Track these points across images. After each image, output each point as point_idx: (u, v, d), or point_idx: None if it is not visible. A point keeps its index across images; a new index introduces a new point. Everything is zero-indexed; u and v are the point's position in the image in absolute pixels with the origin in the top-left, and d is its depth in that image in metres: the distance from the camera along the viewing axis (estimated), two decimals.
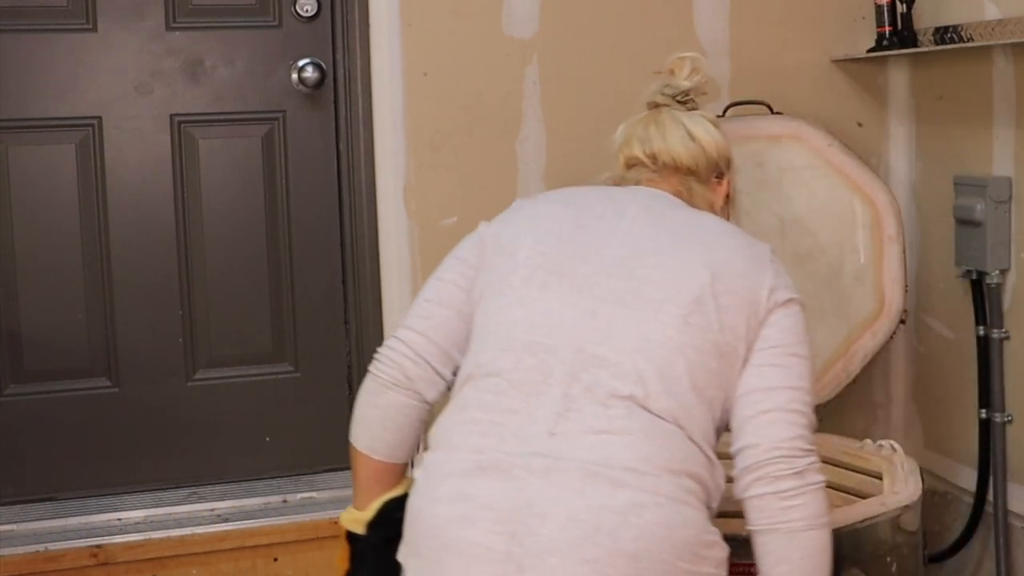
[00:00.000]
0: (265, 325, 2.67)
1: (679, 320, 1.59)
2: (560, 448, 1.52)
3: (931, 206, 2.72)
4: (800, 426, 1.60)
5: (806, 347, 1.66)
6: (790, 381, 1.61)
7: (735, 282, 1.63)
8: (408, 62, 2.56)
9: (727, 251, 1.66)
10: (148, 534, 2.45)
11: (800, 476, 1.56)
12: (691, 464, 1.56)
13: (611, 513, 1.47)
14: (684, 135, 1.81)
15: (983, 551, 2.59)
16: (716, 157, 1.82)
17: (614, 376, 1.56)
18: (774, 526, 1.57)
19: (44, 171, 2.55)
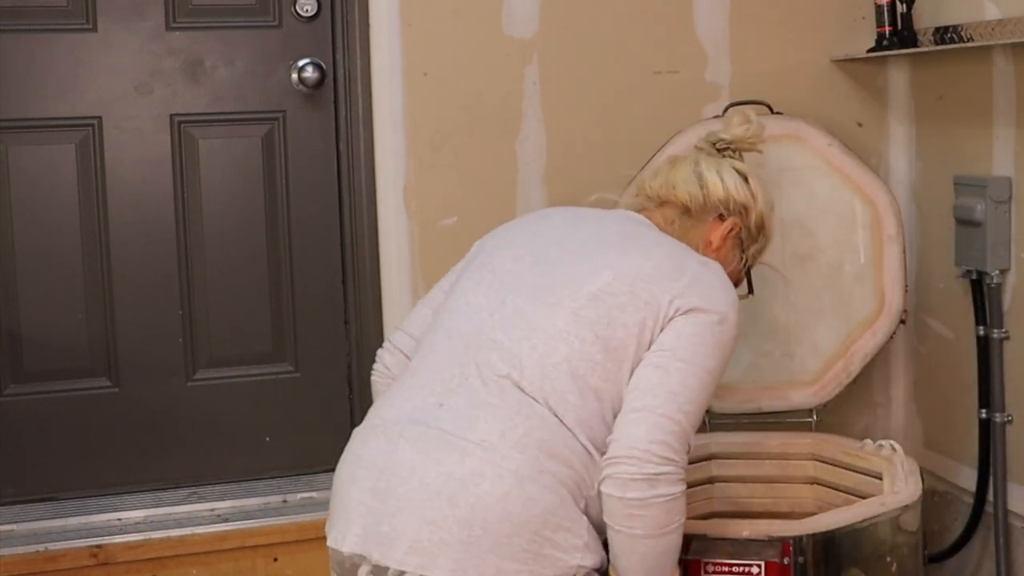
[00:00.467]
0: (265, 325, 2.67)
1: (569, 312, 1.69)
2: (439, 418, 1.65)
3: (931, 206, 2.72)
4: (664, 431, 1.62)
5: (703, 358, 1.68)
6: (669, 385, 1.65)
7: (637, 285, 1.70)
8: (408, 62, 2.56)
9: (643, 259, 1.74)
10: (148, 534, 2.45)
11: (650, 484, 1.60)
12: (556, 447, 1.62)
13: (453, 480, 1.59)
14: (692, 177, 1.92)
15: (983, 551, 2.59)
16: (719, 201, 1.91)
17: (500, 358, 1.68)
18: (617, 528, 1.63)
19: (44, 171, 2.55)
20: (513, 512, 1.57)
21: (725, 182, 1.91)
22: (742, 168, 1.95)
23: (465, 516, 1.57)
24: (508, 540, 1.56)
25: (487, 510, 1.57)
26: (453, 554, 1.56)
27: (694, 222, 1.91)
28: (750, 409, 2.52)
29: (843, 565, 1.99)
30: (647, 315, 1.68)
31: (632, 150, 2.59)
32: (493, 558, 1.56)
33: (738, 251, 1.94)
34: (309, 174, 2.66)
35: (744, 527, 1.98)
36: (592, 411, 1.66)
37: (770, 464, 2.46)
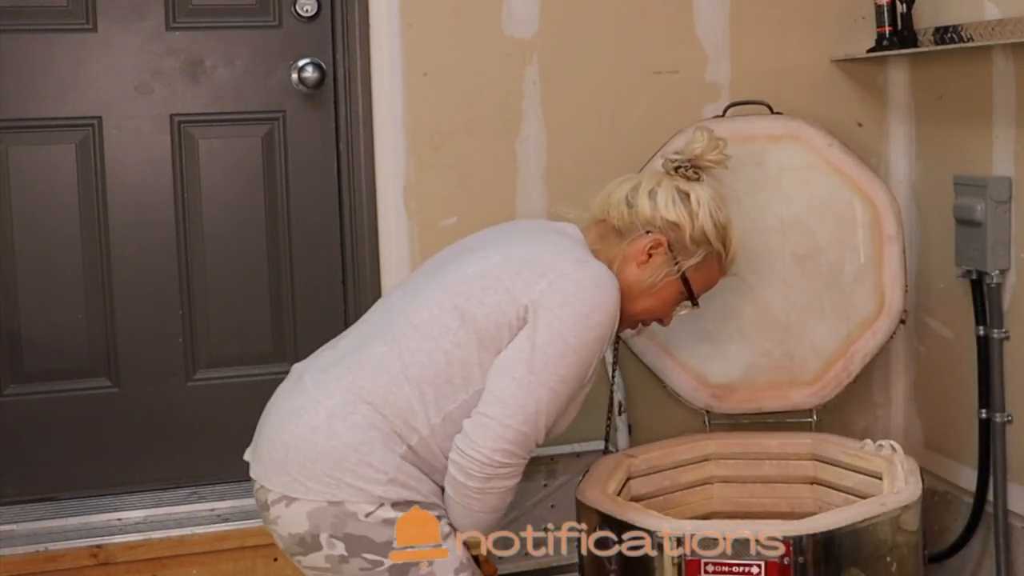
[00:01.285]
0: (265, 325, 2.67)
1: (443, 286, 1.91)
2: (318, 364, 1.95)
3: (931, 206, 2.72)
4: (508, 440, 1.82)
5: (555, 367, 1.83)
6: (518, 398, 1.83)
7: (505, 273, 1.88)
8: (408, 62, 2.56)
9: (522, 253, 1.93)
10: (148, 534, 2.45)
11: (488, 479, 1.84)
12: (379, 395, 1.84)
13: (286, 411, 1.90)
14: (623, 198, 2.04)
15: (983, 551, 2.59)
16: (645, 220, 2.01)
17: (385, 319, 1.95)
18: (456, 499, 1.89)
19: (44, 171, 2.55)
20: (318, 442, 1.83)
21: (656, 201, 2.01)
22: (685, 187, 2.03)
23: (285, 440, 1.86)
24: (312, 465, 1.82)
25: (300, 438, 1.85)
26: (279, 470, 1.86)
27: (622, 239, 2.02)
28: (750, 409, 2.53)
29: (843, 565, 1.99)
30: (503, 299, 1.85)
31: (632, 150, 2.59)
32: (302, 478, 1.83)
33: (669, 265, 2.02)
34: (309, 174, 2.66)
35: (744, 527, 1.98)
36: (438, 371, 1.86)
37: (770, 464, 2.46)
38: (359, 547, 1.84)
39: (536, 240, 1.99)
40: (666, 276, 2.01)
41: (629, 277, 2.00)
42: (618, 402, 2.62)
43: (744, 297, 2.51)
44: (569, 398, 1.89)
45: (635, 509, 2.08)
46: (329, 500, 1.82)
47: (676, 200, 2.01)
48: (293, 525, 1.86)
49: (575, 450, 2.65)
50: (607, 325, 1.88)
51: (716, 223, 2.03)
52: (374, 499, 1.82)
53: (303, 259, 2.68)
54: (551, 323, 1.83)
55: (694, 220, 2.01)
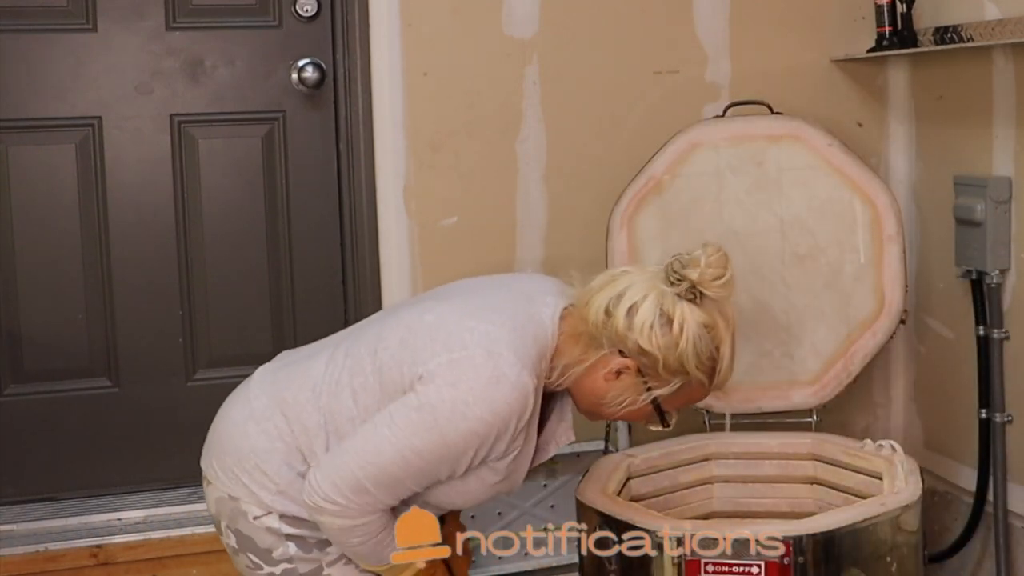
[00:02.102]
0: (265, 325, 2.67)
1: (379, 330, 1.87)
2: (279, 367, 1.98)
3: (931, 206, 2.72)
4: (339, 477, 1.77)
5: (411, 435, 1.74)
6: (366, 445, 1.77)
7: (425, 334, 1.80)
8: (408, 62, 2.56)
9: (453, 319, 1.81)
10: (148, 534, 2.46)
11: (316, 511, 1.79)
12: (296, 411, 1.85)
13: (228, 402, 1.96)
14: (604, 302, 1.80)
15: (983, 551, 2.59)
16: (617, 337, 1.79)
17: (339, 345, 1.93)
18: None
19: (44, 171, 2.55)
20: (232, 437, 1.89)
21: (632, 320, 1.77)
22: (671, 309, 1.77)
23: (216, 427, 1.94)
24: (223, 456, 1.89)
25: (223, 427, 1.92)
26: (207, 452, 1.94)
27: (593, 347, 1.82)
28: (750, 409, 2.52)
29: (843, 565, 1.99)
30: (407, 359, 1.78)
31: (632, 150, 2.59)
32: (216, 464, 1.90)
33: (638, 389, 1.82)
34: (309, 174, 2.66)
35: (744, 527, 1.98)
36: (343, 408, 1.83)
37: (770, 464, 2.46)
38: (245, 545, 1.88)
39: (486, 309, 1.83)
40: (632, 401, 1.83)
41: (594, 386, 1.83)
42: None
43: (744, 297, 2.51)
44: (422, 478, 1.78)
45: (635, 509, 2.08)
46: (229, 493, 1.87)
47: (655, 325, 1.76)
48: (209, 505, 1.94)
49: (575, 450, 2.65)
50: (489, 423, 1.72)
51: (699, 354, 1.78)
52: (263, 505, 1.85)
53: (303, 259, 2.68)
54: (430, 395, 1.73)
55: (670, 351, 1.77)
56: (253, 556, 1.87)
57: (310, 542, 1.87)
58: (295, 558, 1.86)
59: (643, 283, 1.80)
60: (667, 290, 1.79)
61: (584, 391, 1.85)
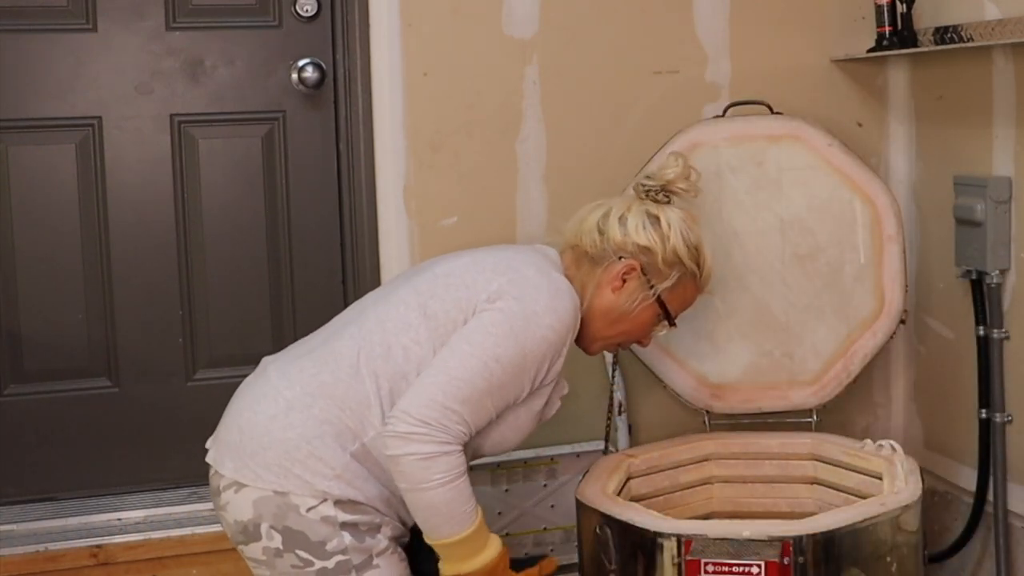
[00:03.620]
0: (265, 325, 2.67)
1: (412, 285, 1.96)
2: (288, 357, 1.98)
3: (931, 206, 2.72)
4: (425, 398, 1.81)
5: (492, 345, 1.85)
6: (448, 363, 1.84)
7: (469, 273, 1.94)
8: (408, 62, 2.56)
9: (488, 257, 1.99)
10: (148, 534, 2.46)
11: (404, 441, 1.80)
12: (338, 390, 1.87)
13: (248, 399, 1.94)
14: (595, 226, 2.05)
15: (983, 551, 2.59)
16: (617, 246, 2.03)
17: (356, 316, 1.98)
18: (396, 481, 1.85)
19: (44, 171, 2.55)
20: (272, 431, 1.86)
21: (626, 227, 2.03)
22: (655, 211, 2.05)
23: (241, 426, 1.90)
24: (264, 452, 1.85)
25: (256, 425, 1.88)
26: (233, 455, 1.89)
27: (595, 266, 2.04)
28: (750, 409, 2.53)
29: (843, 565, 1.99)
30: (463, 296, 1.90)
31: (632, 150, 2.59)
32: (253, 464, 1.86)
33: (644, 289, 2.03)
34: (309, 174, 2.66)
35: (744, 527, 1.98)
36: (395, 367, 1.88)
37: (770, 464, 2.46)
38: (294, 542, 1.85)
39: (509, 250, 2.05)
40: (642, 300, 2.04)
41: (604, 303, 2.03)
42: (618, 402, 2.63)
43: (744, 297, 2.52)
44: (501, 394, 1.88)
45: (635, 509, 2.08)
46: (275, 490, 1.85)
47: (647, 224, 2.03)
48: (240, 512, 1.87)
49: (575, 450, 2.65)
50: (556, 330, 1.90)
51: (688, 244, 2.05)
52: (318, 493, 1.84)
53: (303, 259, 2.68)
54: (501, 308, 1.87)
55: (665, 243, 2.02)
56: (303, 552, 1.85)
57: (362, 529, 1.87)
58: (349, 548, 1.85)
59: (622, 200, 2.09)
60: (643, 201, 2.07)
61: (596, 312, 2.03)
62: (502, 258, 1.98)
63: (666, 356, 2.51)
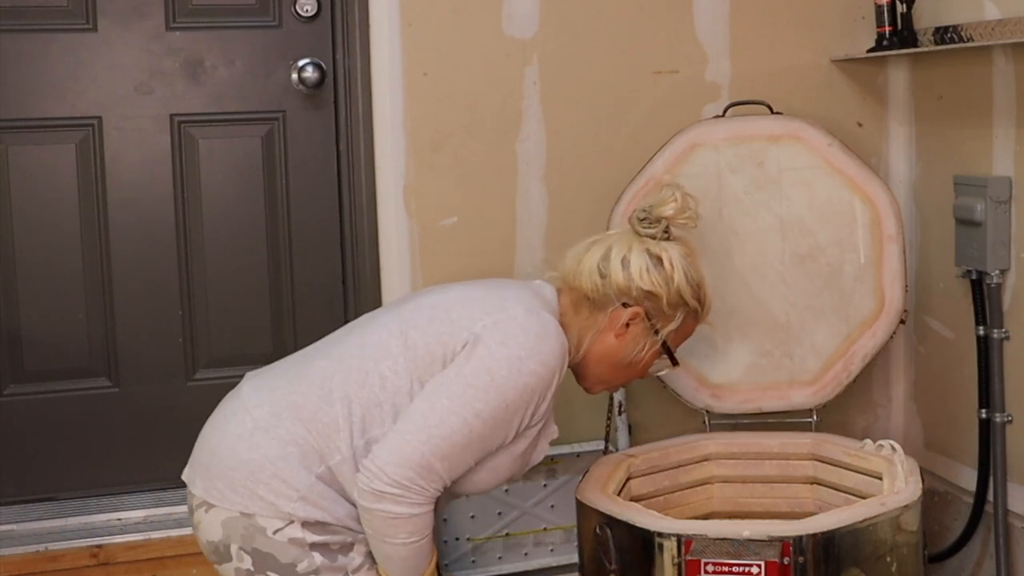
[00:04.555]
0: (265, 325, 2.67)
1: (397, 314, 1.92)
2: (270, 376, 1.95)
3: (931, 206, 2.72)
4: (403, 458, 1.77)
5: (472, 399, 1.78)
6: (428, 419, 1.78)
7: (455, 306, 1.88)
8: (408, 62, 2.56)
9: (478, 292, 1.92)
10: (148, 534, 2.46)
11: (376, 498, 1.77)
12: (307, 412, 1.83)
13: (220, 416, 1.92)
14: (595, 267, 1.96)
15: (983, 551, 2.59)
16: (620, 290, 1.95)
17: (339, 343, 1.94)
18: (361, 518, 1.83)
19: (44, 171, 2.55)
20: (239, 451, 1.84)
21: (630, 271, 1.94)
22: (656, 249, 1.97)
23: (212, 446, 1.88)
24: (231, 473, 1.83)
25: (223, 444, 1.86)
26: (203, 474, 1.87)
27: (597, 311, 1.97)
28: (750, 409, 2.53)
29: (843, 565, 1.99)
30: (445, 331, 1.84)
31: (632, 150, 2.59)
32: (220, 485, 1.84)
33: (648, 335, 1.98)
34: (309, 174, 2.66)
35: (744, 527, 1.98)
36: (370, 394, 1.84)
37: (770, 464, 2.46)
38: (264, 564, 1.82)
39: (500, 286, 1.97)
40: (649, 346, 1.99)
41: (607, 348, 1.98)
42: (618, 402, 2.62)
43: (744, 297, 2.51)
44: (482, 446, 1.83)
45: (635, 509, 2.08)
46: (242, 511, 1.82)
47: (651, 268, 1.95)
48: (210, 532, 1.85)
49: (575, 450, 2.65)
50: (542, 376, 1.83)
51: (691, 283, 1.98)
52: (284, 515, 1.81)
53: (303, 259, 2.68)
54: (483, 357, 1.80)
55: (670, 285, 1.96)
56: (274, 574, 1.82)
57: (334, 548, 1.84)
58: (321, 568, 1.83)
59: (621, 239, 1.99)
60: (643, 238, 1.98)
61: (597, 358, 1.97)
62: (492, 295, 1.91)
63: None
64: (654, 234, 1.99)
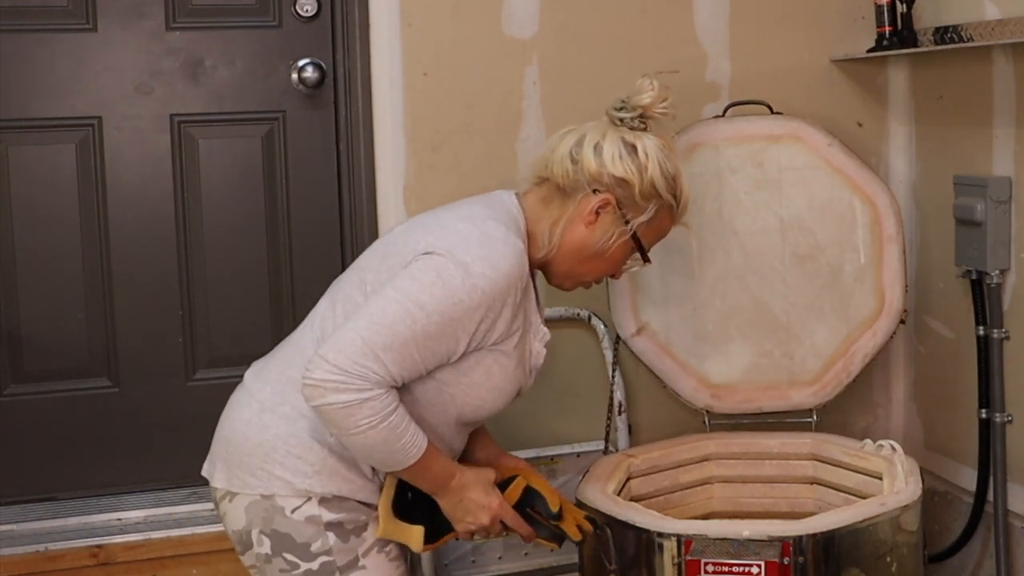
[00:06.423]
0: (265, 325, 2.67)
1: (356, 268, 1.92)
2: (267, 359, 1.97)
3: (931, 206, 2.72)
4: (343, 343, 1.73)
5: (416, 291, 1.75)
6: (370, 307, 1.76)
7: (401, 238, 1.88)
8: (408, 62, 2.56)
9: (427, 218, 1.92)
10: (148, 534, 2.46)
11: (320, 390, 1.71)
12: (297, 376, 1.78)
13: (230, 407, 1.93)
14: (567, 154, 1.92)
15: (983, 551, 2.59)
16: (591, 177, 1.90)
17: (314, 310, 1.95)
18: None
19: (44, 171, 2.55)
20: (250, 435, 1.85)
21: (602, 156, 1.89)
22: (631, 138, 1.91)
23: (225, 435, 1.89)
24: (247, 458, 1.84)
25: (235, 432, 1.87)
26: (221, 466, 1.88)
27: (567, 199, 1.92)
28: (750, 409, 2.53)
29: (843, 565, 1.99)
30: (396, 263, 1.82)
31: None
32: (240, 472, 1.85)
33: (619, 224, 1.91)
34: (309, 174, 2.66)
35: (744, 527, 1.98)
36: None
37: (770, 464, 2.46)
38: (281, 545, 1.82)
39: (449, 208, 1.94)
40: (617, 236, 1.91)
41: (577, 238, 1.91)
42: (618, 402, 2.63)
43: (744, 297, 2.52)
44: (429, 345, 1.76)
45: (635, 509, 2.08)
46: (262, 493, 1.83)
47: (624, 154, 1.89)
48: (235, 521, 1.86)
49: (575, 450, 2.65)
50: (493, 280, 1.77)
51: (666, 175, 1.91)
52: (301, 492, 1.82)
53: (303, 259, 2.68)
54: (430, 261, 1.77)
55: (643, 174, 1.89)
56: (289, 555, 1.83)
57: (348, 528, 1.84)
58: (333, 549, 1.83)
59: (596, 127, 1.93)
60: (618, 128, 1.92)
61: (568, 251, 1.92)
62: (436, 217, 1.89)
63: (666, 356, 2.51)
64: (630, 123, 1.92)
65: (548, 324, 2.00)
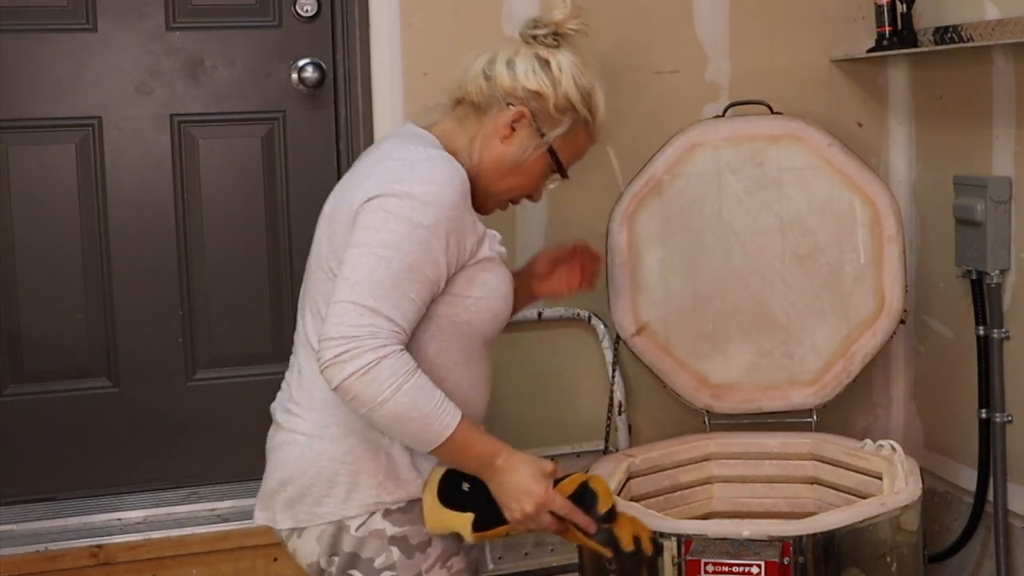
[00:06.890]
0: (265, 325, 2.67)
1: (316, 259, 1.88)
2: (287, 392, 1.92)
3: (931, 206, 2.72)
4: (339, 316, 1.70)
5: (374, 234, 1.73)
6: (344, 274, 1.73)
7: (336, 215, 1.84)
8: (408, 62, 2.56)
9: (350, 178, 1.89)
10: (148, 534, 2.45)
11: (337, 367, 1.68)
12: (335, 396, 1.72)
13: (273, 452, 1.88)
14: (480, 71, 1.91)
15: (983, 551, 2.59)
16: (506, 91, 1.89)
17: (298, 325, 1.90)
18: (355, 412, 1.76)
19: (44, 171, 2.55)
20: (307, 468, 1.80)
21: (515, 71, 1.89)
22: (545, 54, 1.91)
23: (280, 479, 1.83)
24: (310, 490, 1.80)
25: (288, 470, 1.82)
26: (281, 507, 1.83)
27: (483, 115, 1.90)
28: (750, 409, 2.53)
29: (843, 565, 1.99)
30: (341, 231, 1.80)
31: (632, 150, 2.59)
32: (303, 506, 1.81)
33: (535, 137, 1.90)
34: (309, 174, 2.66)
35: (744, 527, 1.98)
36: None
37: (770, 464, 2.46)
38: (347, 563, 1.80)
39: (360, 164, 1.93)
40: (533, 150, 1.90)
41: (494, 154, 1.89)
42: (618, 402, 2.63)
43: (744, 297, 2.52)
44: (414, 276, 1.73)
45: (635, 509, 2.08)
46: (329, 520, 1.80)
47: (537, 68, 1.89)
48: (307, 555, 1.83)
49: (575, 450, 2.65)
50: (440, 194, 1.75)
51: (580, 88, 1.92)
52: (366, 507, 1.79)
53: (303, 259, 2.66)
54: (371, 203, 1.75)
55: (556, 87, 1.89)
56: (355, 572, 1.80)
57: (412, 543, 1.80)
58: (397, 564, 1.79)
59: (508, 45, 1.93)
60: (531, 44, 1.92)
61: (486, 166, 1.89)
62: (353, 175, 1.89)
63: (666, 356, 2.51)
64: (543, 40, 1.92)
65: (548, 324, 2.01)
